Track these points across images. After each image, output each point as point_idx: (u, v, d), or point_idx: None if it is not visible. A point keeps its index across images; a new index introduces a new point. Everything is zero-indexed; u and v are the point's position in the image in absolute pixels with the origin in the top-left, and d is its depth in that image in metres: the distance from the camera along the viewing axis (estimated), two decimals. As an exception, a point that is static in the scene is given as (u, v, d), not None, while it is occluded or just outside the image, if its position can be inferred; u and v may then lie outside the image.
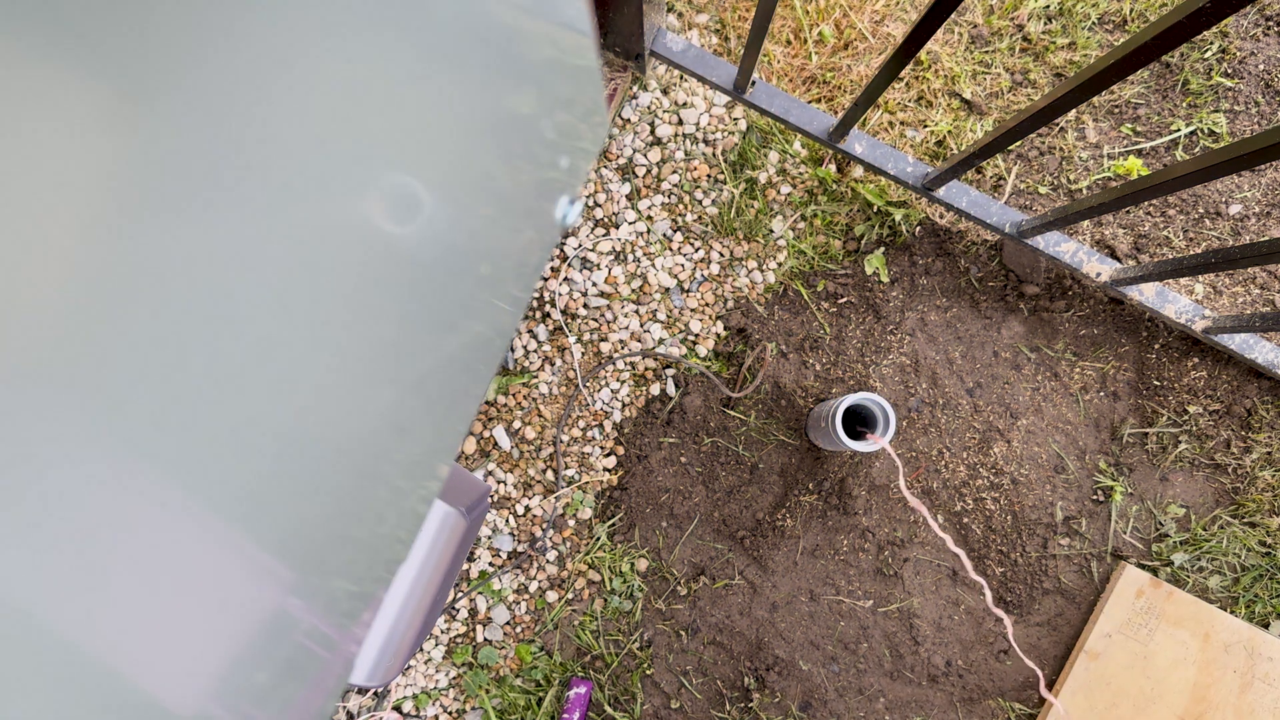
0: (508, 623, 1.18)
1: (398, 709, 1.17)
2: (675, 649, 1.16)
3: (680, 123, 1.21)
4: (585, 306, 1.20)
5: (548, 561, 1.18)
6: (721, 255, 1.20)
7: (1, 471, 0.20)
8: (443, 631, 1.17)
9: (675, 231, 1.20)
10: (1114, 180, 1.16)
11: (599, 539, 1.17)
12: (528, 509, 1.18)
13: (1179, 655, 1.09)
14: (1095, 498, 1.15)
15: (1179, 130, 1.17)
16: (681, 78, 1.21)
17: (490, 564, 1.18)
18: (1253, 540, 1.11)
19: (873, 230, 1.18)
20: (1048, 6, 1.20)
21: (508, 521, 1.18)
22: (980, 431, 1.16)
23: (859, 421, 1.07)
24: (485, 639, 1.17)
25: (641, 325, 1.20)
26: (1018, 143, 1.09)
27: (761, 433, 1.18)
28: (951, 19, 1.20)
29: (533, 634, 1.17)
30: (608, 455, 1.19)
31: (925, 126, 1.19)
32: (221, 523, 0.30)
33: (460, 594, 1.17)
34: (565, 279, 1.20)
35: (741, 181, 1.20)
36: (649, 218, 1.20)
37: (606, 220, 1.20)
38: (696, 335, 1.20)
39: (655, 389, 1.19)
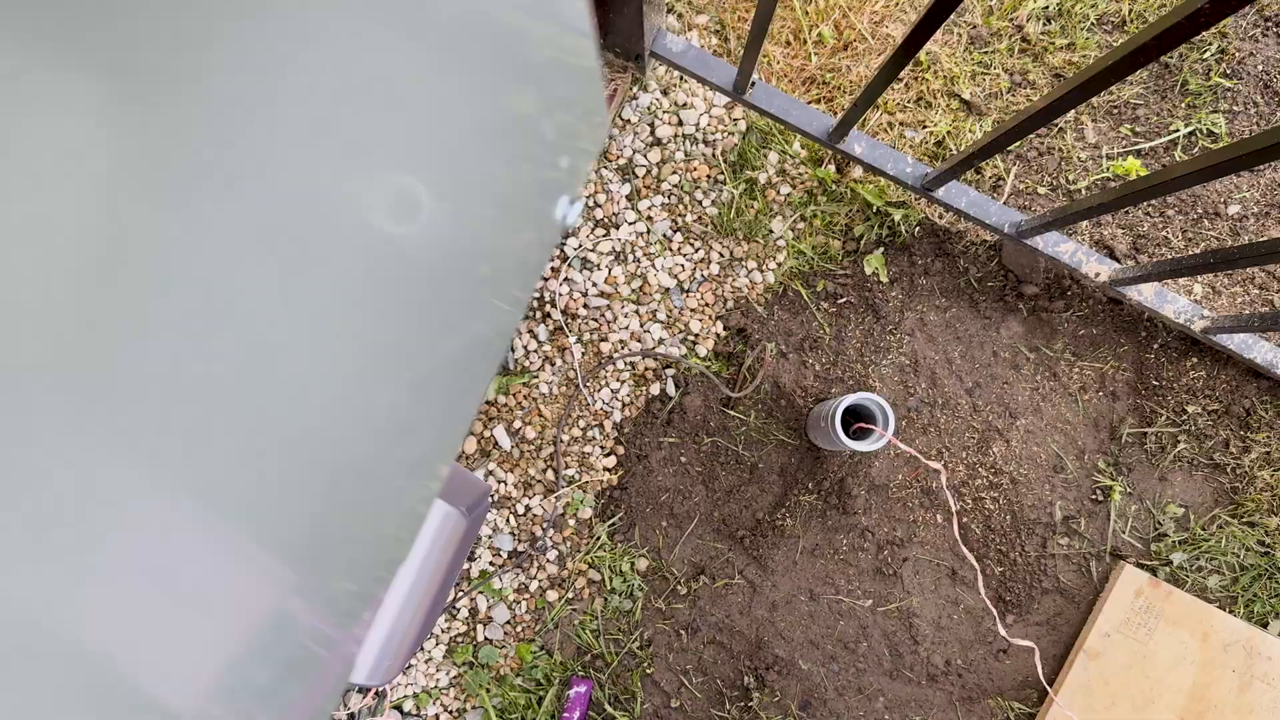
0: (508, 622, 1.18)
1: (398, 708, 1.17)
2: (675, 648, 1.16)
3: (680, 123, 1.21)
4: (585, 306, 1.20)
5: (548, 561, 1.18)
6: (721, 255, 1.20)
7: (8, 472, 0.20)
8: (443, 631, 1.18)
9: (675, 232, 1.21)
10: (1113, 180, 1.17)
11: (599, 538, 1.17)
12: (528, 508, 1.19)
13: (1178, 655, 1.09)
14: (1094, 497, 1.15)
15: (1178, 131, 1.17)
16: (681, 78, 1.21)
17: (491, 563, 1.18)
18: (1251, 540, 1.12)
19: (872, 230, 1.18)
20: (1047, 7, 1.20)
21: (508, 521, 1.18)
22: (979, 431, 1.16)
23: (858, 421, 1.07)
24: (486, 638, 1.17)
25: (641, 325, 1.20)
26: (1017, 143, 1.09)
27: (761, 433, 1.18)
28: (950, 20, 1.20)
29: (533, 633, 1.18)
30: (608, 455, 1.19)
31: (924, 127, 1.19)
32: (223, 523, 0.30)
33: (461, 593, 1.17)
34: (565, 279, 1.20)
35: (741, 182, 1.20)
36: (649, 218, 1.21)
37: (606, 220, 1.21)
38: (696, 335, 1.20)
39: (655, 389, 1.20)
